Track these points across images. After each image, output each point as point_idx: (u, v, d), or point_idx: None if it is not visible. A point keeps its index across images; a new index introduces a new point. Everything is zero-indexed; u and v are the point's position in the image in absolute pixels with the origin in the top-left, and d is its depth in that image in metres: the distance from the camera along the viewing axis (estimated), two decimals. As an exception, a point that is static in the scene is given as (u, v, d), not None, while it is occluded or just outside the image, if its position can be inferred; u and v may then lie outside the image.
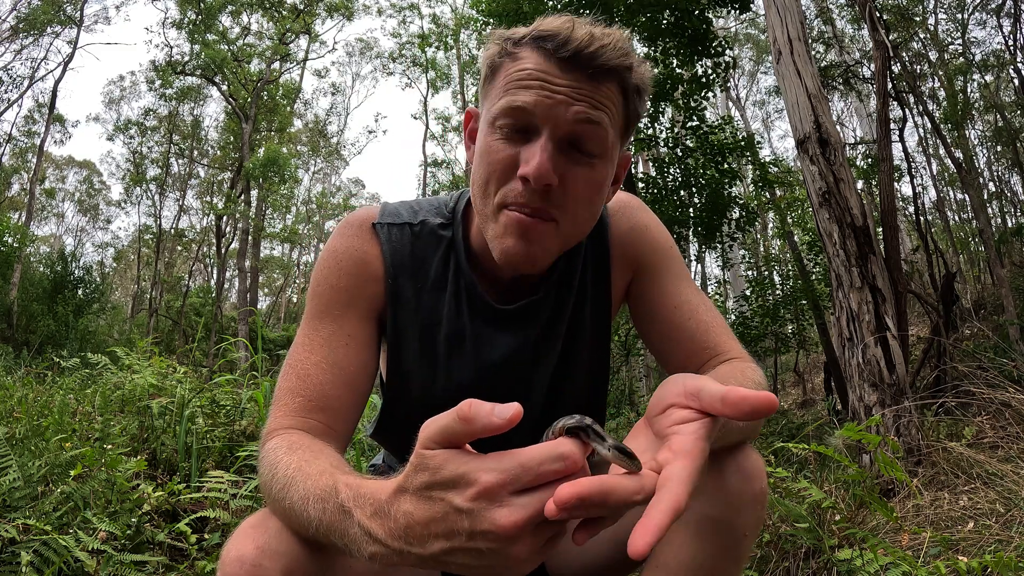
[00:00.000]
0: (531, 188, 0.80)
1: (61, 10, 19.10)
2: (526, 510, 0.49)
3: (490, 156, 0.83)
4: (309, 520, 0.65)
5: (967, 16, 14.13)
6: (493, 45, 0.87)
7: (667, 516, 0.49)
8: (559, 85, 0.80)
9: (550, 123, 0.80)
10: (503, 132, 0.82)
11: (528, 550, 0.51)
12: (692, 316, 0.97)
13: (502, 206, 0.83)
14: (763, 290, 10.70)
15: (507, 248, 0.84)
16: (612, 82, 0.82)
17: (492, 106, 0.84)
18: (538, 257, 0.85)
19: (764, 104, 25.05)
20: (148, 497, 2.06)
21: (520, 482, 0.50)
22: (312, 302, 0.94)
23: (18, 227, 16.24)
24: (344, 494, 0.61)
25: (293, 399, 0.86)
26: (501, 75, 0.84)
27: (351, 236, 0.96)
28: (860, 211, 4.59)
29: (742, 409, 0.55)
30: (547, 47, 0.80)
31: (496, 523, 0.49)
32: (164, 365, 3.53)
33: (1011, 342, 7.77)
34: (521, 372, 0.98)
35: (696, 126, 8.23)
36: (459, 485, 0.51)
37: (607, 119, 0.82)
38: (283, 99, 22.35)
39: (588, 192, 0.84)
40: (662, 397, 0.63)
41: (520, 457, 0.50)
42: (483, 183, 0.85)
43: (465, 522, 0.51)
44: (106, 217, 30.58)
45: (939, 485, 3.00)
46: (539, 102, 0.79)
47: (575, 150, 0.82)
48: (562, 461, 0.50)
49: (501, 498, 0.50)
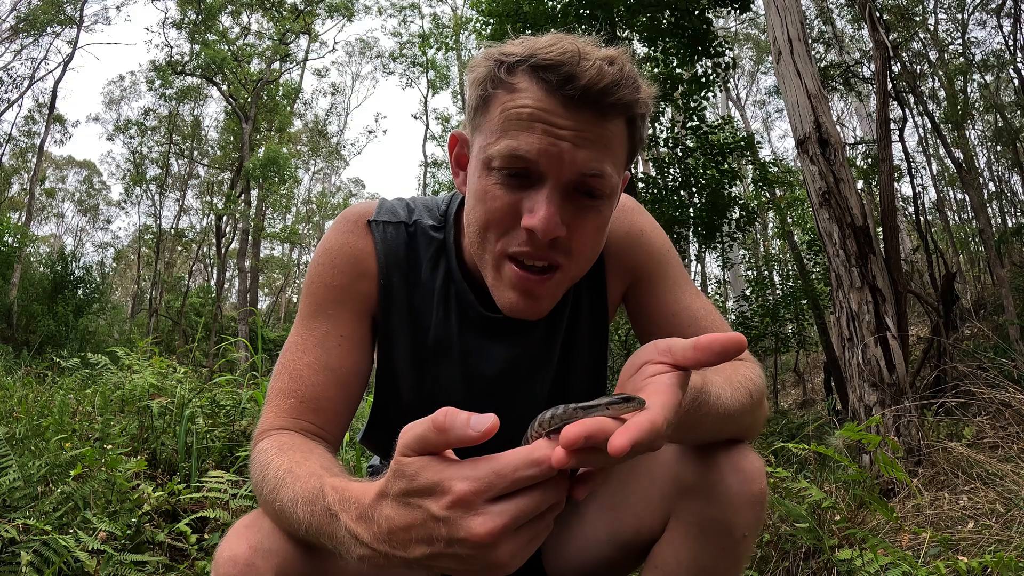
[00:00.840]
0: (537, 240, 0.76)
1: (61, 10, 19.10)
2: (502, 518, 0.49)
3: (488, 203, 0.78)
4: (299, 522, 0.66)
5: (967, 16, 14.13)
6: (482, 67, 0.79)
7: (644, 424, 0.50)
8: (564, 128, 0.73)
9: (554, 171, 0.75)
10: (502, 177, 0.77)
11: (510, 553, 0.51)
12: (691, 323, 0.96)
13: (504, 256, 0.80)
14: (763, 290, 10.72)
15: (511, 304, 0.82)
16: (620, 118, 0.77)
17: (488, 145, 0.77)
18: (544, 308, 0.84)
19: (764, 104, 25.03)
20: (148, 497, 2.06)
21: (495, 489, 0.50)
22: (306, 300, 0.93)
23: (18, 227, 16.24)
24: (331, 497, 0.62)
25: (285, 400, 0.86)
26: (495, 108, 0.77)
27: (346, 232, 0.95)
28: (860, 211, 4.60)
29: (713, 350, 0.57)
30: (550, 80, 0.73)
31: (471, 532, 0.49)
32: (164, 365, 3.53)
33: (1011, 342, 7.76)
34: (519, 383, 0.97)
35: (696, 126, 8.23)
36: (435, 493, 0.51)
37: (611, 164, 0.77)
38: (283, 99, 22.34)
39: (595, 236, 0.82)
40: (634, 361, 0.63)
41: (494, 464, 0.50)
42: (481, 228, 0.80)
43: (443, 530, 0.51)
44: (106, 217, 30.59)
45: (939, 485, 3.00)
46: (544, 151, 0.73)
47: (581, 195, 0.78)
48: (537, 467, 0.49)
49: (476, 506, 0.50)
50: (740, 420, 0.79)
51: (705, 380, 0.71)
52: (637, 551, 0.91)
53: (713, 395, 0.71)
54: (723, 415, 0.74)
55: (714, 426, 0.76)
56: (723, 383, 0.76)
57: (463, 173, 0.89)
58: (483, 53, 0.81)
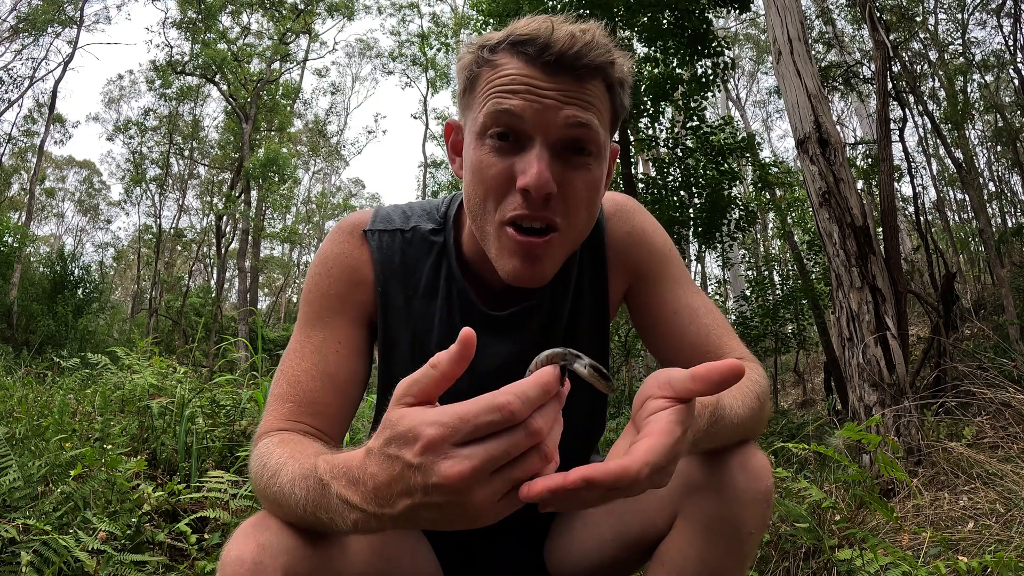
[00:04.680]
0: (531, 198, 0.79)
1: (61, 10, 19.09)
2: (471, 461, 0.50)
3: (484, 172, 0.81)
4: (296, 501, 0.67)
5: (967, 16, 14.13)
6: (467, 54, 0.84)
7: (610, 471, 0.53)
8: (546, 89, 0.78)
9: (541, 129, 0.78)
10: (493, 144, 0.80)
11: (485, 499, 0.52)
12: (692, 321, 0.97)
13: (503, 223, 0.82)
14: (763, 290, 10.72)
15: (514, 270, 0.83)
16: (597, 80, 0.81)
17: (477, 115, 0.81)
18: (547, 273, 0.85)
19: (764, 104, 25.06)
20: (148, 497, 2.06)
21: (460, 434, 0.51)
22: (304, 308, 0.95)
23: (18, 227, 16.23)
24: (321, 468, 0.63)
25: (283, 405, 0.88)
26: (481, 84, 0.82)
27: (341, 242, 0.96)
28: (860, 211, 4.59)
29: (712, 380, 0.58)
30: (528, 51, 0.78)
31: (442, 475, 0.50)
32: (164, 365, 3.53)
33: (1011, 342, 7.76)
34: (520, 378, 0.97)
35: (696, 126, 8.24)
36: (408, 441, 0.52)
37: (596, 119, 0.81)
38: (283, 99, 22.34)
39: (587, 194, 0.83)
40: (641, 394, 0.65)
41: (459, 409, 0.51)
42: (480, 200, 0.83)
43: (418, 476, 0.52)
44: (106, 217, 30.60)
45: (939, 485, 3.00)
46: (527, 107, 0.78)
47: (569, 153, 0.81)
48: (498, 412, 0.50)
49: (444, 450, 0.51)
50: (750, 424, 0.81)
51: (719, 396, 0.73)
52: (642, 550, 0.91)
53: (727, 407, 0.74)
54: (737, 424, 0.77)
55: (729, 435, 0.78)
56: (734, 393, 0.78)
57: (459, 159, 0.91)
58: (467, 44, 0.86)
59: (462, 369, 0.54)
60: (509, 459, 0.52)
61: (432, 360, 0.54)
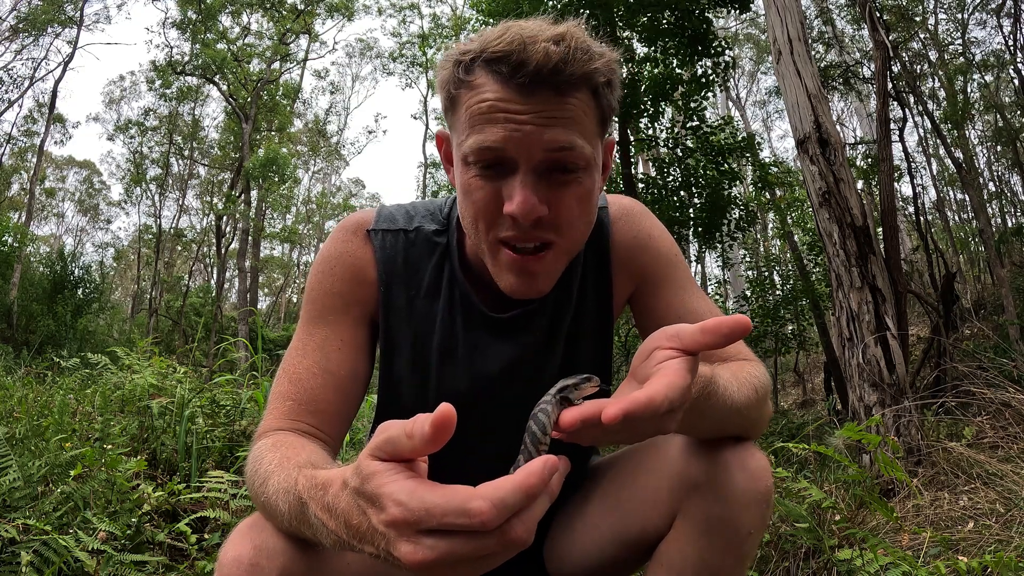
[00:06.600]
0: (520, 224, 0.79)
1: (61, 10, 19.09)
2: (432, 552, 0.47)
3: (472, 195, 0.81)
4: (281, 513, 0.66)
5: (967, 16, 14.14)
6: (444, 69, 0.82)
7: (640, 399, 0.54)
8: (524, 114, 0.75)
9: (524, 156, 0.77)
10: (479, 170, 0.80)
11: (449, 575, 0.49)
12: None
13: (497, 242, 0.82)
14: (763, 290, 10.72)
15: (511, 285, 0.84)
16: (581, 89, 0.78)
17: (461, 143, 0.81)
18: (544, 285, 0.85)
19: (764, 104, 25.02)
20: (148, 497, 2.06)
21: (424, 524, 0.47)
22: (307, 306, 0.95)
23: (18, 227, 16.23)
24: (301, 485, 0.63)
25: (284, 403, 0.88)
26: (462, 107, 0.80)
27: (345, 241, 0.96)
28: (860, 211, 4.59)
29: (720, 332, 0.60)
30: (502, 71, 0.75)
31: (403, 555, 0.48)
32: (164, 365, 3.53)
33: (1011, 342, 7.77)
34: (522, 380, 0.97)
35: (696, 126, 8.24)
36: (375, 505, 0.50)
37: (580, 136, 0.78)
38: (283, 99, 22.33)
39: (579, 208, 0.82)
40: (646, 347, 0.65)
41: (429, 499, 0.47)
42: (472, 220, 0.83)
43: (381, 541, 0.50)
44: (106, 217, 30.59)
45: (939, 485, 3.00)
46: (508, 137, 0.76)
47: (556, 173, 0.79)
48: (467, 518, 0.46)
49: (407, 533, 0.48)
50: (746, 414, 0.81)
51: (714, 371, 0.73)
52: (642, 549, 0.91)
53: (721, 386, 0.74)
54: (730, 407, 0.76)
55: (721, 418, 0.77)
56: (730, 377, 0.78)
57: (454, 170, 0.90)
58: (444, 54, 0.84)
59: (436, 449, 0.49)
60: (476, 557, 0.48)
61: (408, 429, 0.49)
